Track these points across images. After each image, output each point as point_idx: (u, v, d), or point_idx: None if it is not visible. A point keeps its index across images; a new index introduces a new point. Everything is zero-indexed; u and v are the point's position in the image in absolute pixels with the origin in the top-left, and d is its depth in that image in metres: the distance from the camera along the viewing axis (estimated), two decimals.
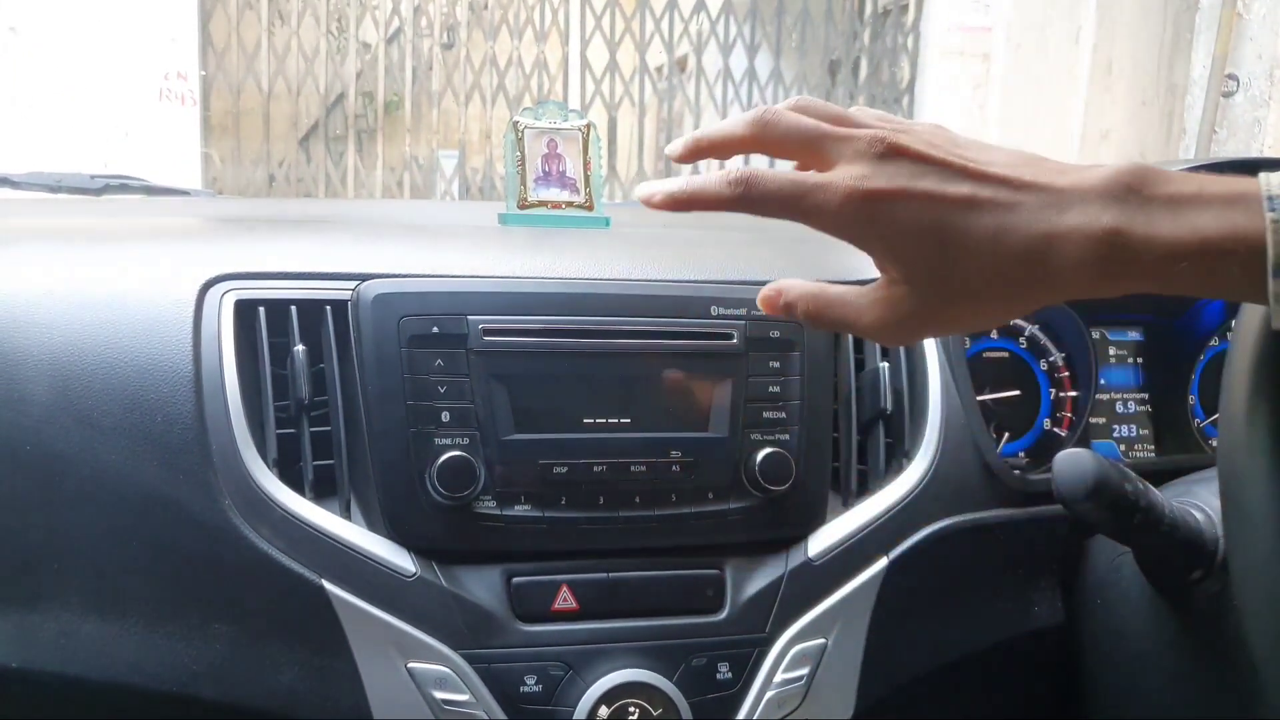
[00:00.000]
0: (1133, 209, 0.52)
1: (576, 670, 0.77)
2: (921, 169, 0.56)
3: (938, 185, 0.55)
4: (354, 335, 0.78)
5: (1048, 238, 0.53)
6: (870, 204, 0.56)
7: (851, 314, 0.60)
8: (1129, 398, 1.11)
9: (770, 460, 0.80)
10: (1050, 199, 0.54)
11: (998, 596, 0.89)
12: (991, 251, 0.54)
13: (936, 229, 0.55)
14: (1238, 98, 3.55)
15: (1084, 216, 0.52)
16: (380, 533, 0.76)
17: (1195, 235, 0.51)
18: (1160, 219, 0.52)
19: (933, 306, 0.57)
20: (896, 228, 0.56)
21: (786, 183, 0.57)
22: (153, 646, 0.73)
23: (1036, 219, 0.53)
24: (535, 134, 1.02)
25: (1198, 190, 0.52)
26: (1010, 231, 0.54)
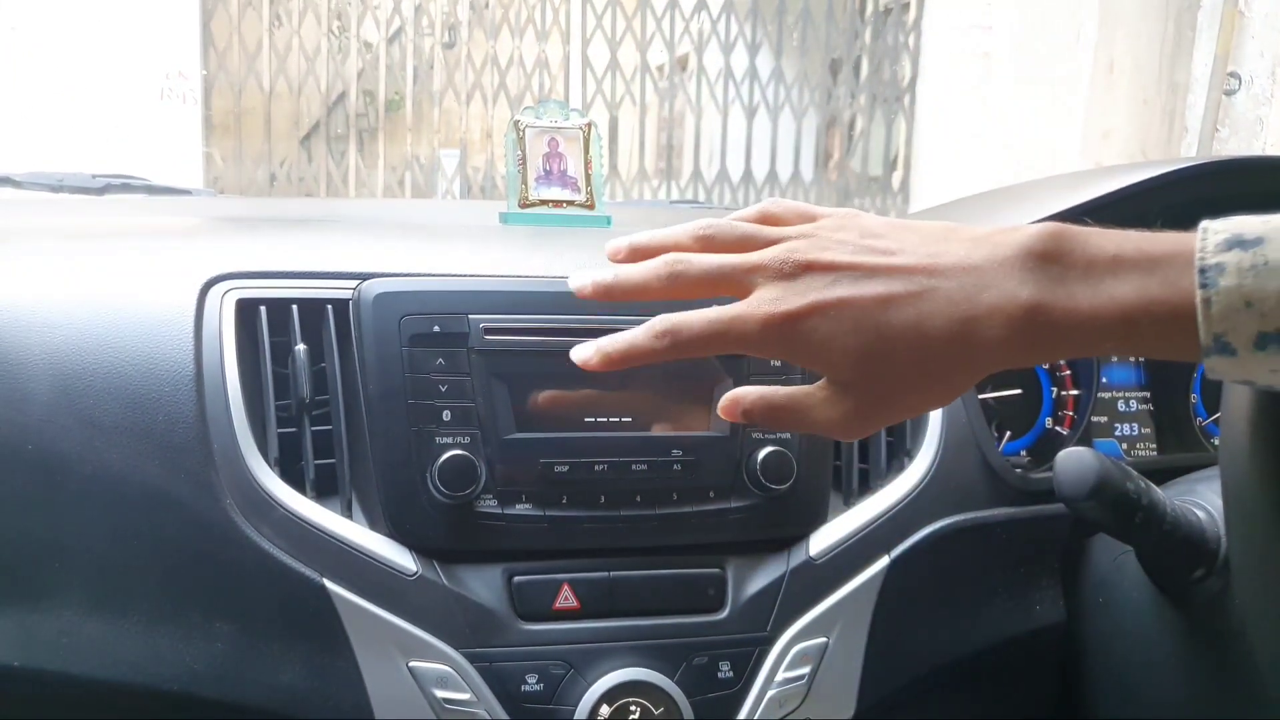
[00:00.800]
0: (1050, 280, 0.52)
1: (578, 669, 0.77)
2: (832, 277, 0.56)
3: (850, 290, 0.55)
4: (355, 334, 0.78)
5: (967, 321, 0.53)
6: (788, 324, 0.56)
7: (803, 415, 0.60)
8: (1131, 396, 1.11)
9: (771, 459, 0.80)
10: (965, 280, 0.54)
11: (999, 595, 0.89)
12: (915, 344, 0.54)
13: (856, 334, 0.55)
14: (1240, 96, 3.55)
15: (1001, 294, 0.52)
16: (381, 532, 0.76)
17: (1113, 304, 0.50)
18: (1078, 289, 0.51)
19: (871, 404, 0.57)
20: (818, 341, 0.56)
21: (706, 323, 0.58)
22: (154, 646, 0.73)
23: (954, 304, 0.53)
24: (536, 133, 1.02)
25: (1115, 254, 0.52)
26: (929, 320, 0.54)
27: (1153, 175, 0.90)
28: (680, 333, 0.59)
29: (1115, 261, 0.51)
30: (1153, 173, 0.90)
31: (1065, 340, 0.52)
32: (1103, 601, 0.88)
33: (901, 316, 0.54)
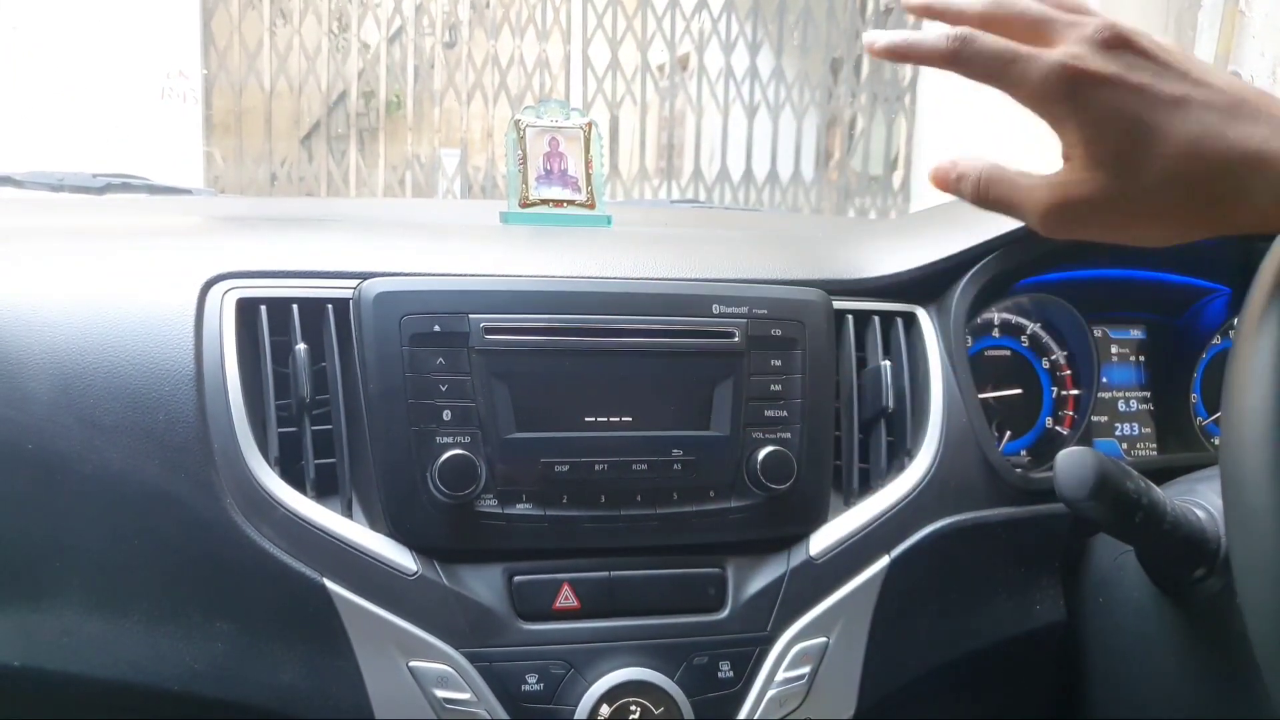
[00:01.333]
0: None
1: (578, 669, 0.77)
2: (1141, 62, 0.56)
3: (1152, 80, 0.55)
4: (355, 334, 0.78)
5: (1257, 157, 0.52)
6: (1077, 83, 0.55)
7: (1020, 194, 0.59)
8: (1131, 396, 1.11)
9: (772, 459, 0.80)
10: (1267, 122, 0.52)
11: (999, 595, 0.89)
12: (1190, 155, 0.53)
13: (1137, 120, 0.54)
14: None
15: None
16: (382, 531, 0.76)
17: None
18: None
19: (1109, 199, 0.56)
20: (1098, 112, 0.55)
21: (1001, 48, 0.58)
22: (154, 645, 0.73)
23: (1247, 135, 0.52)
24: (537, 132, 1.02)
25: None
26: (1216, 139, 0.52)
27: None
28: (971, 44, 0.59)
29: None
30: None
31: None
32: (1103, 601, 0.88)
33: (1189, 125, 0.53)
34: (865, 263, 0.92)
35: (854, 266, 0.92)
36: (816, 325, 0.84)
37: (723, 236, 1.14)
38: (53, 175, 1.35)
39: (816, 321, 0.84)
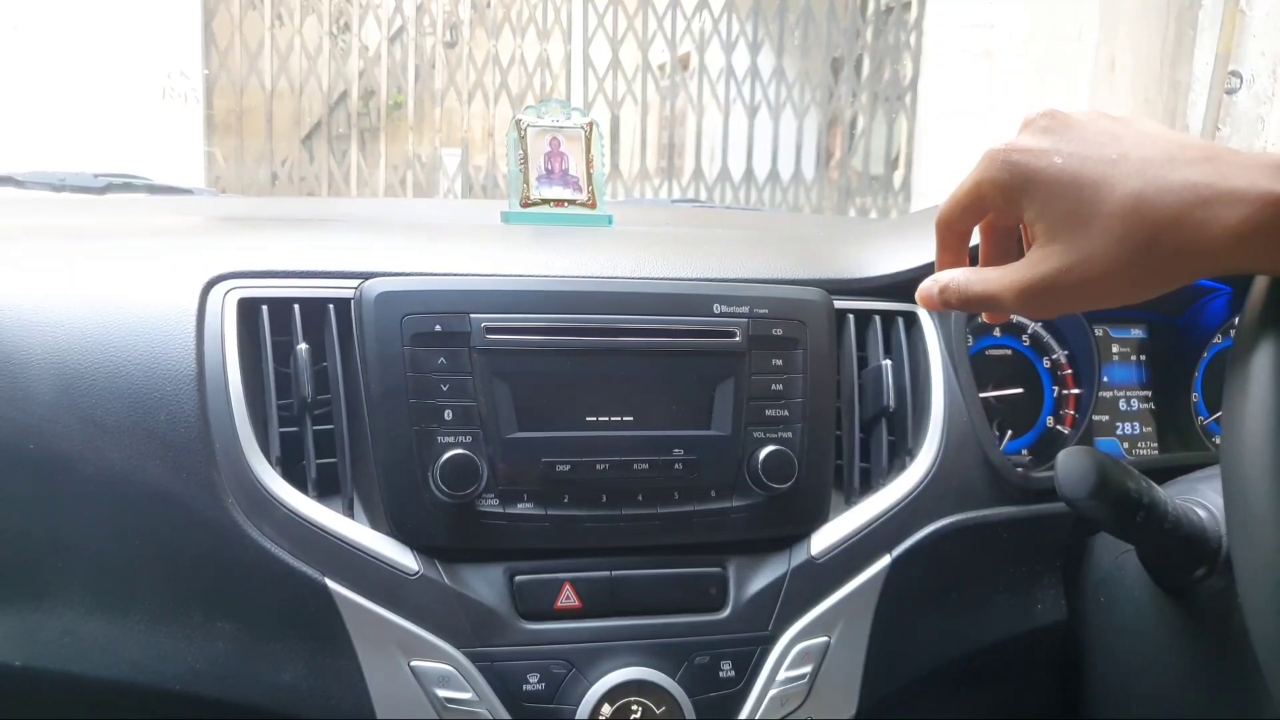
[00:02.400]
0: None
1: (579, 668, 0.77)
2: (1077, 133, 0.57)
3: (1087, 145, 0.56)
4: (357, 334, 0.78)
5: (1203, 195, 0.51)
6: (1016, 156, 0.58)
7: (996, 285, 0.60)
8: (1132, 395, 1.11)
9: (773, 458, 0.80)
10: (1204, 167, 0.52)
11: (1001, 594, 0.89)
12: (1137, 207, 0.53)
13: (1078, 182, 0.55)
14: (1241, 94, 3.54)
15: (1244, 183, 0.51)
16: (383, 531, 0.77)
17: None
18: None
19: (1072, 268, 0.56)
20: (1041, 182, 0.57)
21: (963, 186, 0.63)
22: (156, 645, 0.73)
23: (1190, 177, 0.52)
24: (538, 132, 1.02)
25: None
26: (1159, 187, 0.53)
27: None
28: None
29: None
30: None
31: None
32: (1104, 600, 0.88)
33: (1131, 179, 0.54)
34: (866, 262, 0.93)
35: (855, 266, 0.92)
36: (818, 325, 0.84)
37: (724, 236, 1.14)
38: (54, 175, 1.35)
39: (818, 321, 0.84)
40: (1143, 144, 0.56)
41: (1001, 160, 0.59)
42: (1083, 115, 0.60)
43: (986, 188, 0.61)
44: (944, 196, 0.68)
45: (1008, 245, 0.67)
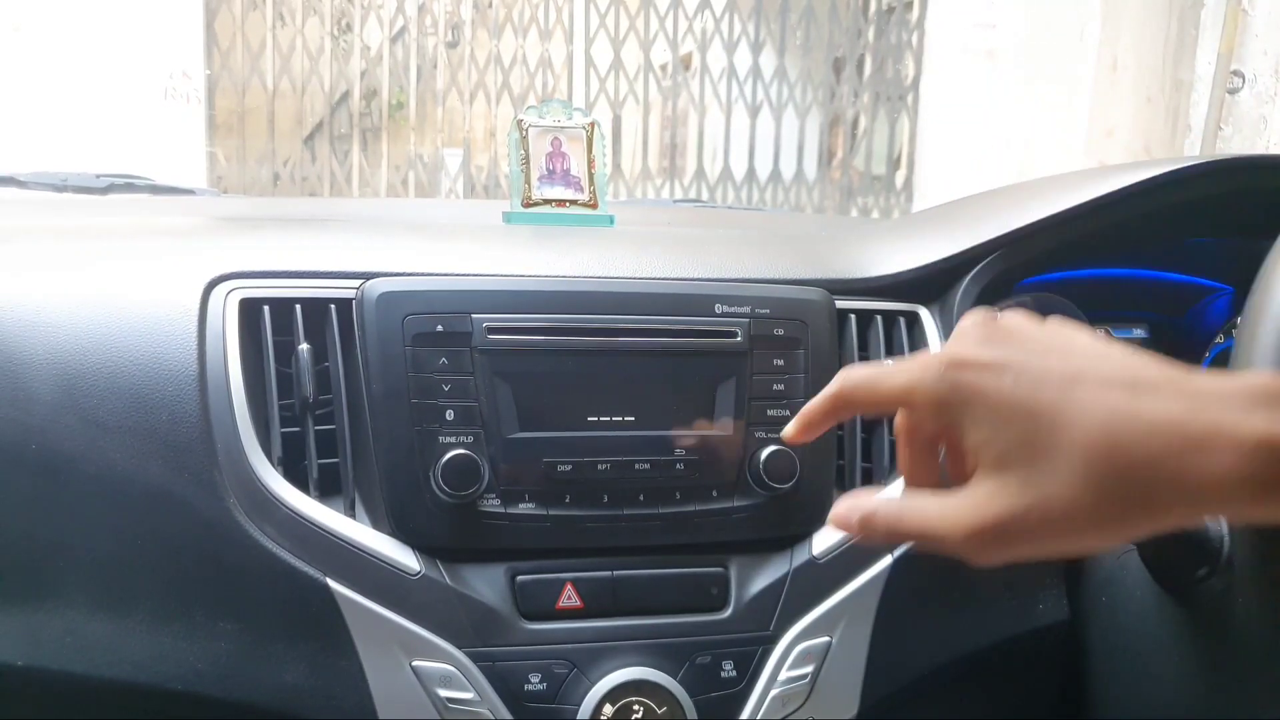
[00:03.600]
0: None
1: (581, 668, 0.77)
2: (1025, 346, 0.51)
3: (1041, 358, 0.50)
4: (358, 334, 0.78)
5: (1183, 442, 0.45)
6: (961, 373, 0.51)
7: (935, 521, 0.52)
8: None
9: (774, 458, 0.80)
10: (1179, 394, 0.46)
11: (1002, 594, 0.89)
12: (1106, 441, 0.46)
13: (1034, 402, 0.48)
14: (1243, 94, 3.54)
15: (1227, 418, 0.45)
16: (385, 531, 0.77)
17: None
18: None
19: (1033, 509, 0.48)
20: (990, 401, 0.50)
21: (867, 376, 0.56)
22: (158, 645, 0.73)
23: (1163, 412, 0.46)
24: (539, 132, 1.02)
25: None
26: (1127, 419, 0.46)
27: (1156, 174, 0.90)
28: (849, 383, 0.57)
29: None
30: (1156, 171, 0.90)
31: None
32: (1106, 600, 0.88)
33: (1093, 407, 0.47)
34: (868, 262, 0.92)
35: (857, 266, 0.92)
36: (819, 325, 0.84)
37: (725, 236, 1.14)
38: (56, 176, 1.35)
39: (819, 321, 0.84)
40: (1098, 362, 0.49)
41: (943, 373, 0.51)
42: (1024, 324, 0.53)
43: (920, 398, 0.53)
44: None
45: (930, 457, 0.60)
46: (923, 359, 0.53)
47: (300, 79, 4.50)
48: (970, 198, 1.07)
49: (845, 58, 4.96)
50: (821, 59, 4.94)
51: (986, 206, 0.99)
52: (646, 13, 4.74)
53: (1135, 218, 0.93)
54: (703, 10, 4.81)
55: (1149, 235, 1.02)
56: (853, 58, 4.96)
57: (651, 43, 4.76)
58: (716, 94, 4.88)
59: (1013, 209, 0.93)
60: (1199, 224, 1.03)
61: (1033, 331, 0.52)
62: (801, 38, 4.89)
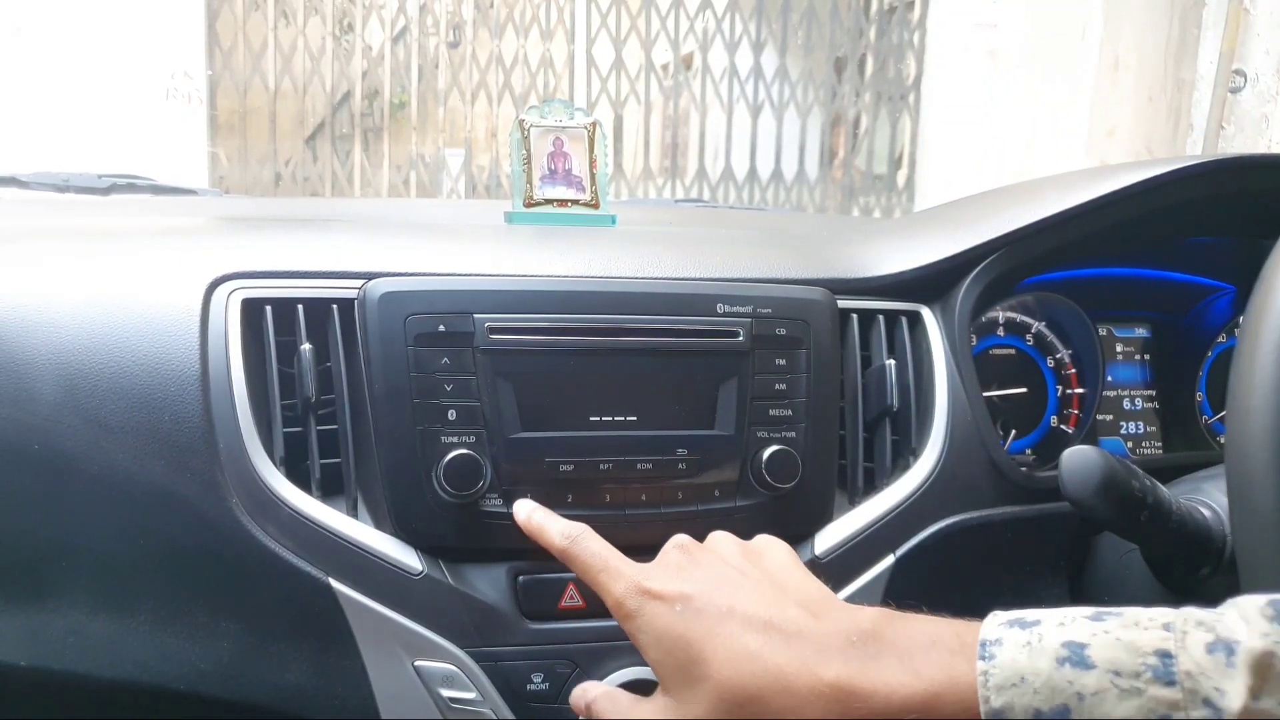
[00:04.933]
0: (866, 658, 0.54)
1: (583, 668, 0.77)
2: (700, 576, 0.62)
3: (710, 593, 0.60)
4: (360, 334, 0.78)
5: (781, 683, 0.54)
6: (644, 598, 0.61)
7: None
8: (1136, 395, 1.11)
9: (776, 458, 0.80)
10: (795, 639, 0.56)
11: (1005, 594, 0.89)
12: (733, 682, 0.56)
13: (687, 637, 0.58)
14: (1245, 93, 3.54)
15: (815, 662, 0.54)
16: (387, 531, 0.77)
17: (919, 681, 0.52)
18: (888, 666, 0.53)
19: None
20: (657, 627, 0.60)
21: (598, 553, 0.66)
22: (160, 644, 0.73)
23: (776, 656, 0.55)
24: (541, 132, 1.02)
25: (933, 638, 0.54)
26: (752, 663, 0.56)
27: (1158, 173, 0.90)
28: (580, 541, 0.67)
29: (931, 643, 0.53)
30: (1158, 171, 0.90)
31: (870, 713, 0.52)
32: (1108, 599, 0.88)
33: (730, 644, 0.57)
34: (870, 262, 0.92)
35: (858, 265, 0.92)
36: (821, 324, 0.84)
37: (727, 236, 1.14)
38: (58, 176, 1.35)
39: (821, 320, 0.84)
40: (750, 600, 0.59)
41: (637, 598, 0.61)
42: (714, 549, 0.65)
43: (615, 611, 0.63)
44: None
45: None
46: (632, 574, 0.63)
47: (302, 79, 4.51)
48: (972, 197, 1.07)
49: (847, 57, 4.96)
50: (823, 59, 4.94)
51: (988, 206, 0.99)
52: (648, 12, 4.74)
53: (1137, 217, 0.93)
54: (704, 10, 4.81)
55: (1151, 235, 1.02)
56: (854, 57, 4.96)
57: (653, 42, 4.76)
58: (718, 94, 4.88)
59: (1014, 208, 0.93)
60: (1201, 223, 1.03)
61: (712, 558, 0.64)
62: (803, 37, 4.89)
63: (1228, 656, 0.47)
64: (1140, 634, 0.49)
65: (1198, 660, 0.47)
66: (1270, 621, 0.47)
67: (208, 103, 4.43)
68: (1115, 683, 0.47)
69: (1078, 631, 0.50)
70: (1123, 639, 0.49)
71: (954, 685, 0.51)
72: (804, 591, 0.61)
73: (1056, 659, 0.49)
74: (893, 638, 0.55)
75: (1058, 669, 0.49)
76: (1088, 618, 0.51)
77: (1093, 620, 0.51)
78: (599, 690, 0.69)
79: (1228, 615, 0.49)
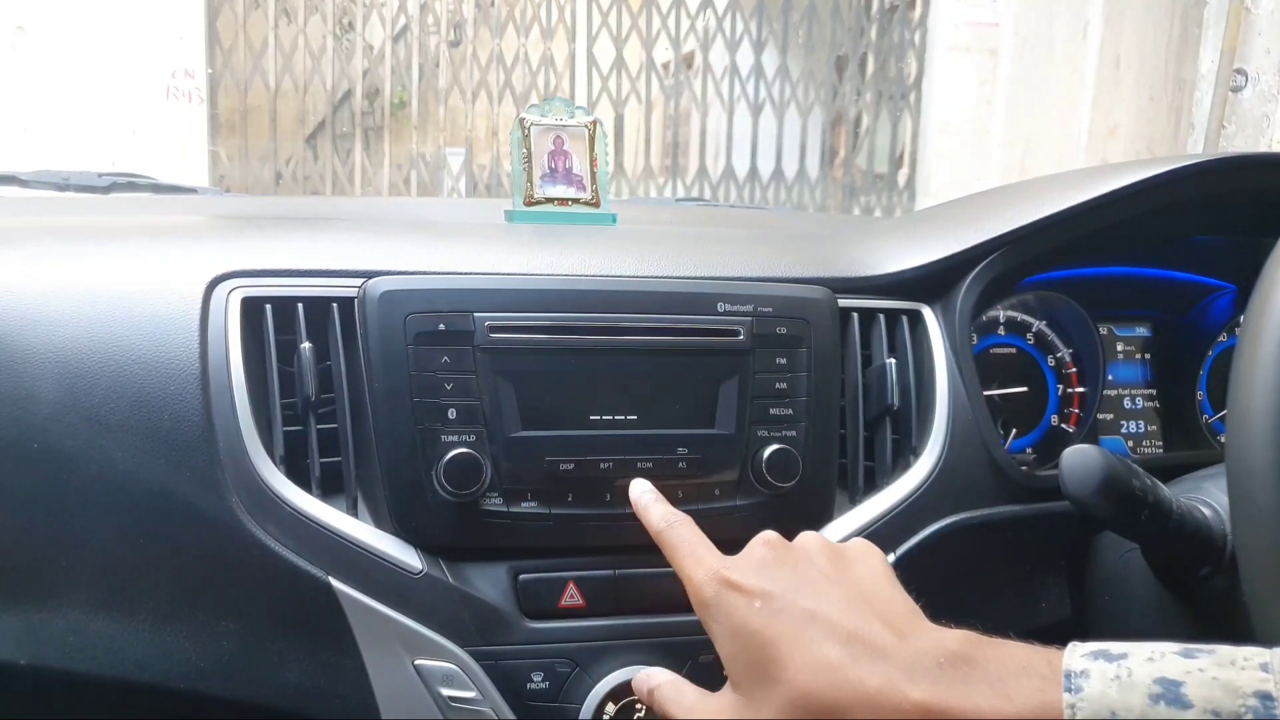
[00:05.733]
0: (955, 681, 0.53)
1: (583, 667, 0.77)
2: (786, 575, 0.61)
3: (793, 594, 0.59)
4: (360, 332, 0.78)
5: (865, 700, 0.53)
6: (723, 589, 0.61)
7: (676, 711, 0.64)
8: (1137, 394, 1.11)
9: (777, 457, 0.80)
10: (879, 655, 0.55)
11: (1005, 593, 0.89)
12: (810, 690, 0.55)
13: (764, 637, 0.58)
14: (1246, 93, 3.54)
15: (901, 682, 0.53)
16: (387, 530, 0.77)
17: (1011, 706, 0.51)
18: (978, 690, 0.52)
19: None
20: (734, 622, 0.60)
21: (688, 540, 0.66)
22: (160, 644, 0.73)
23: (859, 670, 0.54)
24: (542, 131, 1.02)
25: (1025, 663, 0.53)
26: (832, 675, 0.55)
27: (1158, 172, 0.90)
28: (676, 526, 0.68)
29: (1023, 669, 0.52)
30: (1158, 170, 0.90)
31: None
32: (1109, 599, 0.88)
33: (810, 653, 0.56)
34: (870, 261, 0.92)
35: (859, 264, 0.92)
36: (822, 323, 0.84)
37: (728, 235, 1.14)
38: (58, 174, 1.35)
39: (822, 319, 0.84)
40: (835, 607, 0.58)
41: (715, 587, 0.62)
42: (803, 549, 0.64)
43: (692, 593, 0.63)
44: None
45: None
46: (715, 563, 0.63)
47: (302, 78, 4.51)
48: (973, 196, 1.07)
49: (848, 56, 4.97)
50: (824, 58, 4.94)
51: (989, 205, 0.99)
52: (649, 11, 4.74)
53: (1138, 216, 0.93)
54: (705, 9, 4.81)
55: (1152, 234, 1.02)
56: (855, 56, 4.96)
57: (654, 41, 4.76)
58: (719, 92, 4.88)
59: (1015, 207, 0.93)
60: (1202, 222, 1.03)
61: (803, 557, 0.63)
62: (804, 36, 4.89)
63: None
64: (1237, 674, 0.48)
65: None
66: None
67: (208, 101, 4.43)
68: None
69: (1170, 668, 0.49)
70: (1220, 678, 0.48)
71: (1047, 712, 0.50)
72: (891, 606, 0.60)
73: (1150, 695, 0.48)
74: (983, 661, 0.54)
75: (1152, 706, 0.48)
76: (1178, 654, 0.50)
77: (1184, 657, 0.50)
78: (664, 678, 0.68)
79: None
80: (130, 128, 4.11)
